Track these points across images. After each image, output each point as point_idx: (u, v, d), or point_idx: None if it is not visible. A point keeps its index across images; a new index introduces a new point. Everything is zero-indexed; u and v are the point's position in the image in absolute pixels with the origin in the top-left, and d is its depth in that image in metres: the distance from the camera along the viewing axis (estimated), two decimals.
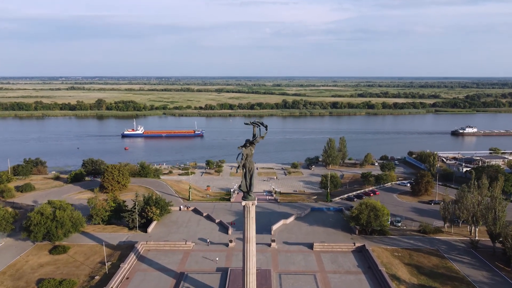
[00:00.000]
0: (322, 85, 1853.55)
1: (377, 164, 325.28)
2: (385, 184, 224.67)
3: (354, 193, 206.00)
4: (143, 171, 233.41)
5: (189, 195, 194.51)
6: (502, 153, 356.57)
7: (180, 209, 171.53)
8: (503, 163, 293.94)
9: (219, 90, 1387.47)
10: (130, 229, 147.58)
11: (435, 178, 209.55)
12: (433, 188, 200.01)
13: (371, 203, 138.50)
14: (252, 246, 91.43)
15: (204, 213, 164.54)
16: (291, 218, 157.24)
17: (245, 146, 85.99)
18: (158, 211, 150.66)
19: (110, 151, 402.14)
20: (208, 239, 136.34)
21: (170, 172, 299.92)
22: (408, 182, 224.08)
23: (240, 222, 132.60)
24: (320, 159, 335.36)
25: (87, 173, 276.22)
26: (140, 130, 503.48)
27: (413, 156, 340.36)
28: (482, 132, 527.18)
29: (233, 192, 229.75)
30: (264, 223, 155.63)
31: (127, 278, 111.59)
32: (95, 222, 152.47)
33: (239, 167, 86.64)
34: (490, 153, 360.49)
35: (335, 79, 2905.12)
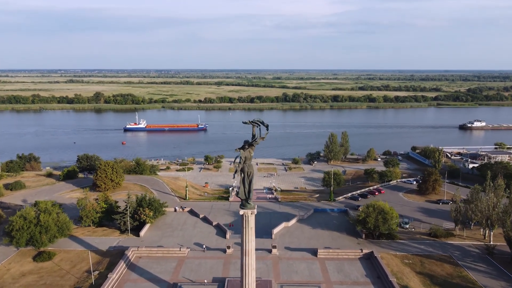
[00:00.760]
0: (323, 78, 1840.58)
1: (380, 160, 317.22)
2: (390, 182, 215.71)
3: (359, 192, 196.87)
4: (139, 168, 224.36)
5: (186, 194, 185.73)
6: (508, 148, 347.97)
7: (176, 210, 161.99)
8: (510, 159, 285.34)
9: (219, 83, 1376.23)
10: (122, 232, 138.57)
11: (443, 176, 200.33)
12: (441, 187, 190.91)
13: (379, 206, 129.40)
14: (252, 260, 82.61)
15: (201, 215, 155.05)
16: (293, 220, 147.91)
17: (243, 148, 76.58)
18: (152, 213, 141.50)
19: (107, 146, 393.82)
20: (204, 245, 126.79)
21: (168, 168, 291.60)
22: (414, 180, 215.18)
23: (239, 224, 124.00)
24: (322, 154, 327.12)
25: (82, 169, 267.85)
26: (143, 124, 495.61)
27: (417, 151, 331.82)
28: (491, 126, 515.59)
29: (232, 190, 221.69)
30: (264, 225, 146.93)
31: None
32: (85, 225, 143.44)
33: (237, 172, 77.25)
34: (495, 148, 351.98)
35: (336, 72, 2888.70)
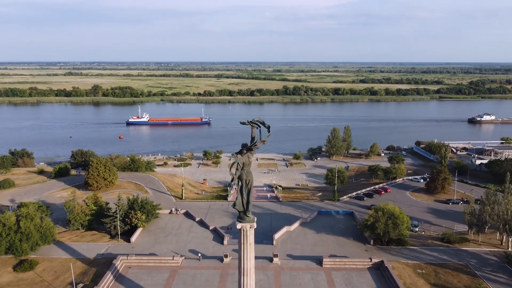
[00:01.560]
0: (323, 71, 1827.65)
1: (384, 155, 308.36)
2: (397, 180, 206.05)
3: (364, 191, 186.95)
4: (134, 165, 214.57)
5: (182, 194, 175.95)
6: None
7: (171, 212, 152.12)
8: None
9: (219, 76, 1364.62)
10: (112, 237, 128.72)
11: (453, 174, 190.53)
12: (450, 186, 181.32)
13: (389, 209, 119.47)
14: (251, 280, 73.13)
15: (197, 218, 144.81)
16: (296, 224, 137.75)
17: (241, 153, 66.58)
18: (144, 217, 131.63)
19: (105, 141, 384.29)
20: (200, 254, 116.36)
21: (165, 164, 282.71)
22: (422, 178, 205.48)
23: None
24: (324, 149, 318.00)
25: (77, 165, 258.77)
26: (146, 118, 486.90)
27: (421, 146, 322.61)
28: (500, 120, 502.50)
29: (231, 188, 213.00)
30: (265, 228, 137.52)
31: None
32: (73, 228, 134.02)
33: (233, 180, 67.57)
34: (502, 143, 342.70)
35: (336, 65, 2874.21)
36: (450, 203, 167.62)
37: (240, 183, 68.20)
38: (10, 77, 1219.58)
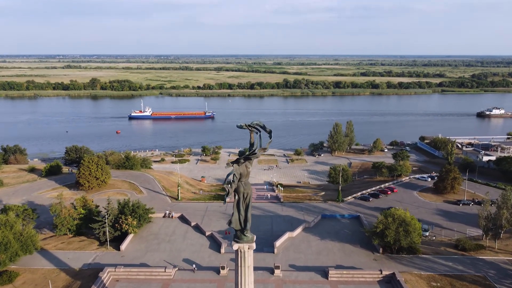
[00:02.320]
0: (324, 64, 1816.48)
1: (387, 151, 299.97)
2: (403, 179, 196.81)
3: (369, 191, 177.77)
4: (128, 163, 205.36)
5: (178, 194, 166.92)
6: None
7: (165, 216, 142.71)
8: None
9: (218, 69, 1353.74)
10: (101, 244, 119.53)
11: (464, 173, 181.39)
12: (460, 185, 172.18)
13: (399, 215, 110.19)
14: None
15: (193, 222, 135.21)
16: (298, 229, 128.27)
17: (238, 162, 57.30)
18: (135, 222, 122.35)
19: (102, 136, 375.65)
20: (194, 265, 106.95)
21: (162, 160, 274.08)
22: (429, 177, 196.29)
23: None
24: (325, 145, 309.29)
25: (71, 162, 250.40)
26: (148, 112, 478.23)
27: (426, 142, 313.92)
28: (510, 114, 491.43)
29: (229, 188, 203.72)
30: (266, 233, 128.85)
31: None
32: (60, 233, 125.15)
33: (229, 194, 58.00)
34: (508, 138, 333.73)
35: (337, 57, 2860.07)
36: (461, 204, 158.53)
37: (237, 197, 58.98)
38: (8, 70, 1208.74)
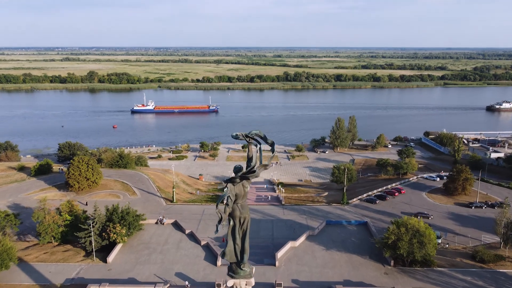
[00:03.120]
0: (324, 56, 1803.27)
1: (391, 146, 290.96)
2: (410, 179, 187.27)
3: (376, 192, 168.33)
4: (122, 161, 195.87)
5: (173, 196, 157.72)
6: None
7: (157, 222, 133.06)
8: None
9: (218, 61, 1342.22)
10: (88, 254, 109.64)
11: (472, 171, 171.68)
12: (472, 186, 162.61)
13: (413, 225, 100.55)
14: None
15: (187, 230, 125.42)
16: (302, 238, 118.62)
17: (233, 181, 48.32)
18: (125, 230, 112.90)
19: (98, 131, 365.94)
20: (187, 282, 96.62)
21: (159, 157, 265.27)
22: (438, 176, 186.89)
23: None
24: (327, 140, 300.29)
25: (64, 159, 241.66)
26: (151, 106, 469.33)
27: (430, 137, 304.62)
28: None
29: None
30: (266, 240, 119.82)
31: None
32: (44, 242, 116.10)
33: (222, 221, 48.40)
34: None
35: (337, 50, 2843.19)
36: (473, 207, 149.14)
37: (232, 223, 49.22)
38: (6, 63, 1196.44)
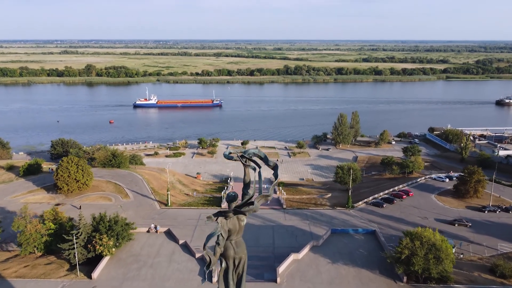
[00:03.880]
0: (325, 49, 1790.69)
1: (394, 143, 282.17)
2: (418, 180, 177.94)
3: (382, 195, 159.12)
4: (115, 161, 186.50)
5: (168, 199, 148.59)
6: None
7: (149, 231, 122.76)
8: None
9: (218, 54, 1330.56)
10: (72, 268, 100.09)
11: (490, 174, 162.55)
12: (485, 188, 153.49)
13: (429, 238, 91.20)
14: None
15: (181, 240, 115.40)
16: (305, 250, 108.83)
17: (226, 215, 38.52)
18: (112, 242, 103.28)
19: (94, 126, 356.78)
20: None
21: (156, 154, 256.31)
22: (447, 177, 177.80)
23: None
24: (329, 136, 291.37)
25: (57, 157, 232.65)
26: (154, 100, 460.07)
27: (435, 133, 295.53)
28: None
29: (229, 181, 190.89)
30: (266, 249, 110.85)
31: None
32: (26, 253, 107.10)
33: (211, 265, 37.91)
34: None
35: (337, 43, 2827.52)
36: (486, 211, 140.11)
37: (224, 264, 39.17)
38: (4, 56, 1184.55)
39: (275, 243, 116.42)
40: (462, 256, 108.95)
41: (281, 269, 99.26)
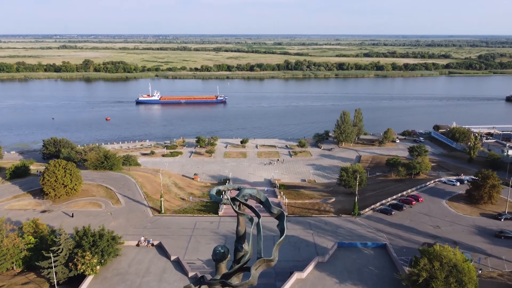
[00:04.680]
0: (325, 44, 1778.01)
1: (399, 141, 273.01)
2: (427, 184, 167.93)
3: (390, 200, 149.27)
4: (107, 162, 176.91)
5: (161, 206, 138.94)
6: None
7: (139, 244, 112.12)
8: None
9: (217, 49, 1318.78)
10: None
11: (503, 176, 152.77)
12: (500, 193, 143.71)
13: (449, 259, 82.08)
14: None
15: (173, 256, 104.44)
16: (310, 267, 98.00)
17: (211, 285, 25.62)
18: (96, 259, 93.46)
19: (91, 124, 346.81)
20: None
21: (152, 153, 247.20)
22: (458, 180, 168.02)
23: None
24: (331, 134, 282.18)
25: (49, 157, 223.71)
26: (157, 96, 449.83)
27: (440, 131, 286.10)
28: None
29: (227, 183, 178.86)
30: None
31: None
32: (3, 269, 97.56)
33: None
34: None
35: (338, 37, 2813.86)
36: (502, 219, 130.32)
37: None
38: (2, 51, 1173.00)
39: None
40: (481, 272, 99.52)
41: None
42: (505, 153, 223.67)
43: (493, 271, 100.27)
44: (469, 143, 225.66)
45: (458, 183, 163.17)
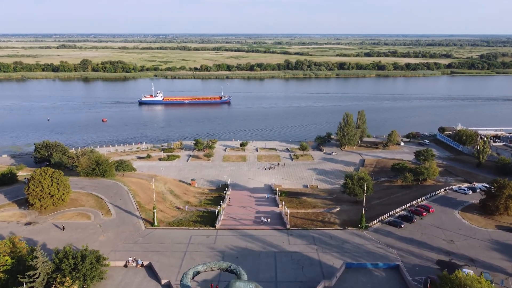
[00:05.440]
0: (325, 43, 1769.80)
1: (403, 144, 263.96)
2: (438, 192, 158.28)
3: (398, 211, 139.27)
4: (99, 169, 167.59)
5: (154, 218, 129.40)
6: None
7: (126, 265, 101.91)
8: None
9: (217, 49, 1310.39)
10: None
11: (502, 177, 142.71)
12: None
13: (470, 280, 73.08)
14: None
15: (164, 279, 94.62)
16: None
17: None
18: (78, 285, 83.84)
19: (87, 125, 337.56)
20: None
21: (148, 156, 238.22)
22: (470, 189, 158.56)
23: (228, 278, 58.31)
24: (334, 137, 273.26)
25: (41, 160, 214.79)
26: (160, 96, 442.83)
27: (446, 134, 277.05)
28: None
29: (226, 191, 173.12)
30: (267, 286, 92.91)
31: None
32: None
33: None
34: None
35: (338, 37, 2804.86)
36: None
37: None
38: (1, 50, 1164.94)
39: (278, 277, 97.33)
40: None
41: None
42: (511, 156, 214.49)
43: None
44: (477, 147, 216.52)
45: (470, 192, 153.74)
